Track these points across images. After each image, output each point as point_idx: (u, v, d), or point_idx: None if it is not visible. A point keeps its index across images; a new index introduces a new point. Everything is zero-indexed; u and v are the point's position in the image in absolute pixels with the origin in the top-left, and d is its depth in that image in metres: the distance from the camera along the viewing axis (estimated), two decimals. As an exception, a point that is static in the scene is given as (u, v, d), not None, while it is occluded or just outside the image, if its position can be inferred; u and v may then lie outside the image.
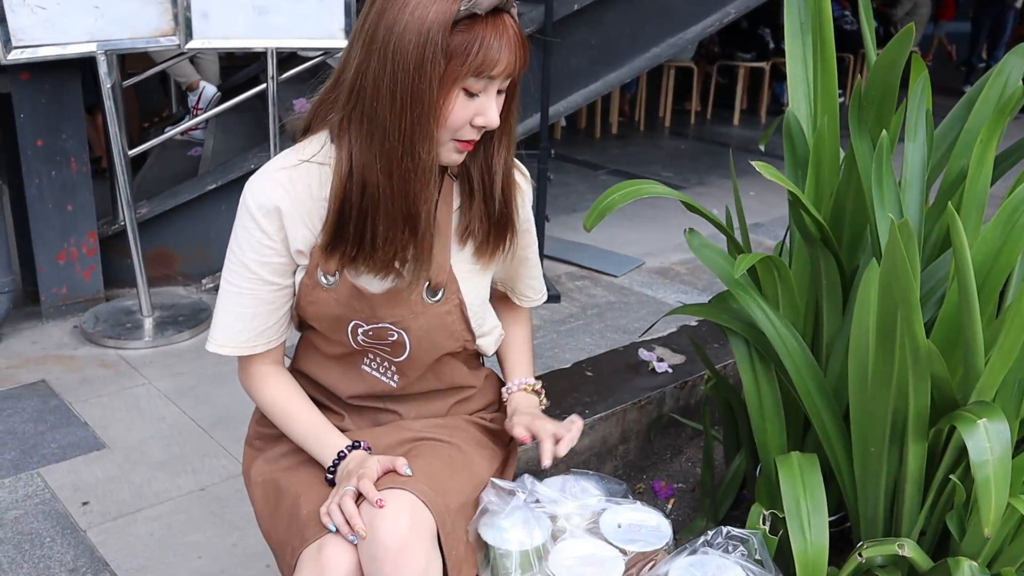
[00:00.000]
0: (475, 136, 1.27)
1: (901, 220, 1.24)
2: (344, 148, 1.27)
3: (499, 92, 1.26)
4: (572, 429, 1.41)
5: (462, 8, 1.17)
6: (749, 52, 7.39)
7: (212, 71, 5.10)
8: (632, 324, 3.43)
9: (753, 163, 1.49)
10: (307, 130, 1.34)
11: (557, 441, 1.39)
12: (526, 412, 1.46)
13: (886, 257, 1.28)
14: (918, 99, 1.60)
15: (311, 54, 3.84)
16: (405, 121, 1.20)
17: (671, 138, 6.95)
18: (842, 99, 6.40)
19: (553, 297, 3.61)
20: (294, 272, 1.36)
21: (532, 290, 1.60)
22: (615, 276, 3.93)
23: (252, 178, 1.33)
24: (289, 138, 1.38)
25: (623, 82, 4.38)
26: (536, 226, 1.56)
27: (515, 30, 1.22)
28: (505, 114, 1.30)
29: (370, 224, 1.27)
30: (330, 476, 1.33)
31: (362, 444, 1.35)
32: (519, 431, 1.40)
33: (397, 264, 1.30)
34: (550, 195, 3.83)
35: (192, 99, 4.89)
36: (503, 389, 1.56)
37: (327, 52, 3.64)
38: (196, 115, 4.67)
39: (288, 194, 1.30)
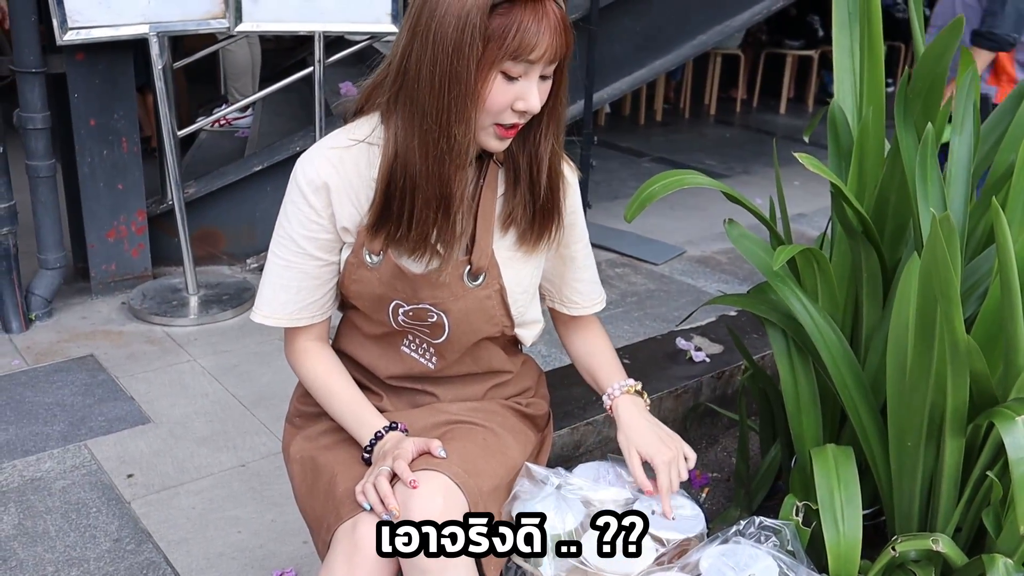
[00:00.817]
0: (518, 121, 1.28)
1: (943, 214, 1.23)
2: (391, 129, 1.29)
3: (543, 78, 1.26)
4: (687, 461, 1.44)
5: None
6: (797, 40, 7.30)
7: (256, 53, 5.13)
8: (671, 313, 3.43)
9: (795, 154, 1.48)
10: (359, 111, 1.37)
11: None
12: (635, 430, 1.44)
13: (926, 250, 1.27)
14: (966, 91, 1.58)
15: (358, 38, 3.87)
16: (443, 102, 1.22)
17: (716, 126, 6.90)
18: (892, 88, 6.30)
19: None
20: (340, 249, 1.38)
21: (578, 294, 1.54)
22: (655, 264, 3.92)
23: (304, 154, 1.36)
24: (336, 120, 1.40)
25: (668, 69, 4.36)
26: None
27: (556, 15, 1.22)
28: (552, 101, 1.31)
29: (408, 204, 1.29)
30: (367, 455, 1.35)
31: (399, 426, 1.37)
32: (642, 479, 1.40)
33: (431, 243, 1.32)
34: (593, 182, 3.84)
35: (233, 105, 4.47)
36: (604, 397, 1.51)
37: (374, 36, 3.67)
38: (226, 120, 4.59)
39: (337, 172, 1.32)
